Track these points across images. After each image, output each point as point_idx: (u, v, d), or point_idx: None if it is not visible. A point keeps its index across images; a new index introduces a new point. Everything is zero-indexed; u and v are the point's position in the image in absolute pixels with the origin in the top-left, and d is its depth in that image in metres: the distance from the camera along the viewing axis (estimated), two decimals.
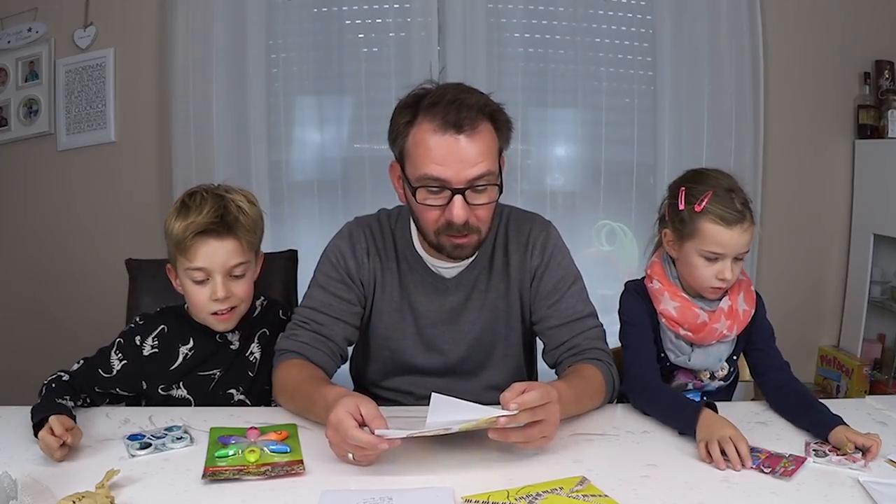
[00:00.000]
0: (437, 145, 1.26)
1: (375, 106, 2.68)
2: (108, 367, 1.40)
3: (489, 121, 1.30)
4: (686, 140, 2.75)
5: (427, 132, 1.27)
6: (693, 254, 1.38)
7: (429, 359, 1.47)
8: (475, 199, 1.30)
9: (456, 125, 1.25)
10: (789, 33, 2.79)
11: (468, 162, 1.26)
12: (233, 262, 1.38)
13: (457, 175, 1.26)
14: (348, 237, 1.47)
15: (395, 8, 2.73)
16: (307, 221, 2.81)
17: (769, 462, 1.13)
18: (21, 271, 2.92)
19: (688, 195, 1.38)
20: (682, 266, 1.43)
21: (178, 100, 2.66)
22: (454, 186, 1.27)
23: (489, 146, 1.29)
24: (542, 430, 1.11)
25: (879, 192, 2.74)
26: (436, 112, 1.26)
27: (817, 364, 2.95)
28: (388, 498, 1.01)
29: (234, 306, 1.41)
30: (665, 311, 1.43)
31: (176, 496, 1.03)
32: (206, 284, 1.38)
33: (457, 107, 1.25)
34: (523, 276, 1.47)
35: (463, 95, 1.28)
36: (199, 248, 1.36)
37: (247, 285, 1.42)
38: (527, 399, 1.07)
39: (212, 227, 1.36)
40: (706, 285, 1.39)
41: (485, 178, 1.28)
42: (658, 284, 1.44)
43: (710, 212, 1.34)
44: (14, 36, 2.82)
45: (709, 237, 1.35)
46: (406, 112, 1.30)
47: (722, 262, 1.36)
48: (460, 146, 1.26)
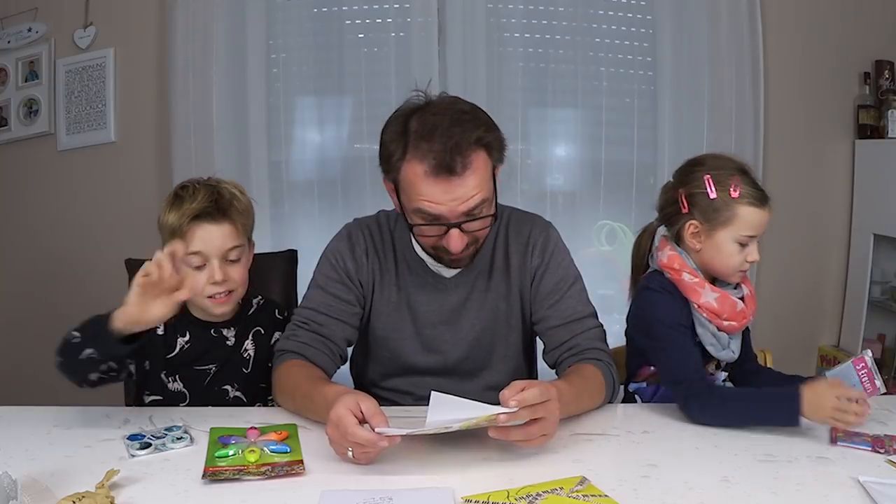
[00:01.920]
0: (429, 188, 1.24)
1: (375, 106, 2.68)
2: None
3: (483, 150, 1.27)
4: (686, 140, 2.75)
5: (419, 176, 1.24)
6: (727, 241, 1.36)
7: (428, 359, 1.47)
8: (471, 226, 1.30)
9: (449, 169, 1.23)
10: (789, 33, 2.79)
11: (463, 198, 1.25)
12: (229, 245, 1.40)
13: (452, 212, 1.26)
14: (347, 238, 1.48)
15: (395, 8, 2.73)
16: (307, 221, 2.82)
17: (877, 443, 1.17)
18: (21, 271, 2.92)
19: (717, 182, 1.36)
20: (708, 255, 1.39)
21: (178, 100, 2.66)
22: (449, 222, 1.27)
23: (483, 176, 1.27)
24: (542, 427, 1.11)
25: (879, 192, 2.74)
26: (426, 152, 1.22)
27: (817, 364, 2.95)
28: (388, 498, 1.01)
29: (231, 290, 1.42)
30: (706, 304, 1.38)
31: (176, 496, 1.03)
32: (203, 270, 1.39)
33: (450, 149, 1.22)
34: (524, 276, 1.47)
35: (455, 129, 1.23)
36: (195, 233, 1.37)
37: (242, 269, 1.44)
38: (527, 396, 1.07)
39: (207, 210, 1.38)
40: (737, 269, 1.38)
41: (480, 207, 1.28)
42: (690, 278, 1.39)
43: (746, 197, 1.34)
44: (14, 36, 2.82)
45: (746, 221, 1.35)
46: (397, 144, 1.26)
47: (752, 245, 1.37)
48: (453, 186, 1.24)
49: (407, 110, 1.29)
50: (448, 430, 1.09)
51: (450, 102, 1.31)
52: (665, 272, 1.42)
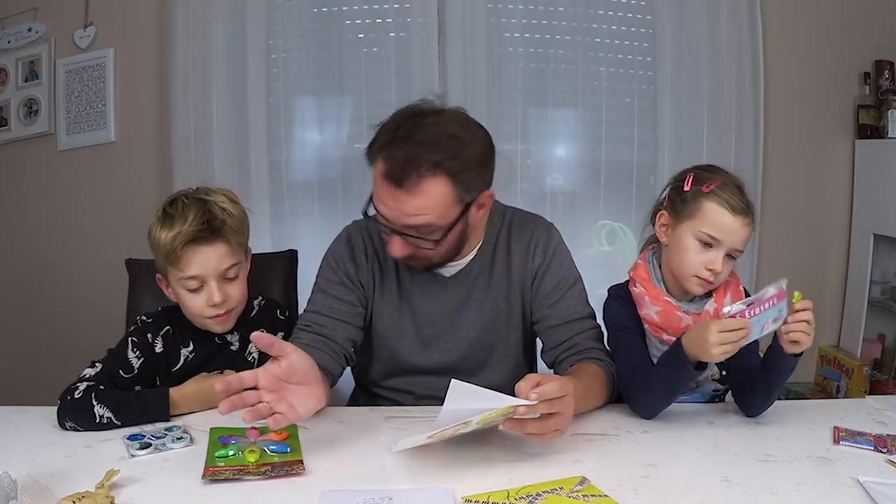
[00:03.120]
0: (381, 188, 1.27)
1: (375, 106, 2.67)
2: (128, 367, 1.38)
3: (444, 176, 1.24)
4: (686, 140, 2.75)
5: (379, 173, 1.26)
6: (688, 235, 1.33)
7: (428, 359, 1.47)
8: (417, 242, 1.30)
9: (396, 180, 1.23)
10: (789, 33, 2.79)
11: (406, 213, 1.26)
12: (225, 266, 1.38)
13: (396, 219, 1.27)
14: (346, 240, 1.48)
15: (395, 8, 2.73)
16: (307, 221, 2.81)
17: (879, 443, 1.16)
18: (21, 271, 2.92)
19: (696, 179, 1.35)
20: (670, 254, 1.37)
21: (178, 100, 2.66)
22: (393, 226, 1.28)
23: (434, 201, 1.25)
24: (557, 422, 1.11)
25: (879, 192, 2.74)
26: (388, 156, 1.24)
27: (817, 364, 2.95)
28: (388, 498, 1.01)
29: (230, 308, 1.41)
30: (647, 317, 1.38)
31: (176, 496, 1.03)
32: (201, 291, 1.38)
33: (403, 163, 1.22)
34: (525, 275, 1.47)
35: (421, 148, 1.23)
36: (190, 258, 1.35)
37: (241, 285, 1.43)
38: (546, 390, 1.08)
39: (200, 234, 1.35)
40: (693, 273, 1.33)
41: (426, 229, 1.28)
42: (640, 288, 1.38)
43: (717, 195, 1.31)
44: (14, 36, 2.82)
45: (710, 218, 1.31)
46: (381, 135, 1.28)
47: (715, 252, 1.31)
48: (398, 198, 1.25)
49: (411, 111, 1.30)
50: (465, 431, 1.08)
51: (446, 120, 1.28)
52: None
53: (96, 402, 1.25)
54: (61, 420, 1.25)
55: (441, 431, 1.06)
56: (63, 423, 1.25)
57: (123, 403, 1.27)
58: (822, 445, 1.21)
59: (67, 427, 1.25)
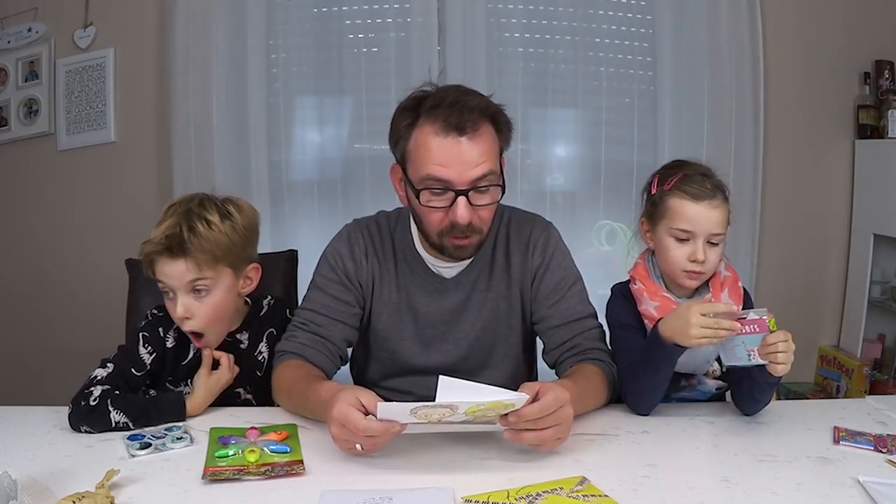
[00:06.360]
0: (439, 147, 1.27)
1: (375, 106, 2.68)
2: (139, 364, 1.38)
3: (490, 122, 1.31)
4: (686, 140, 2.75)
5: (429, 134, 1.28)
6: (664, 235, 1.36)
7: (428, 359, 1.47)
8: (478, 199, 1.31)
9: (458, 127, 1.26)
10: (789, 33, 2.79)
11: (471, 163, 1.27)
12: (189, 279, 1.34)
13: (459, 176, 1.27)
14: (346, 239, 1.48)
15: (395, 8, 2.73)
16: (307, 221, 2.81)
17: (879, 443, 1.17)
18: (21, 271, 2.92)
19: (660, 179, 1.38)
20: (658, 257, 1.41)
21: (178, 100, 2.66)
22: (457, 188, 1.28)
23: (490, 147, 1.30)
24: (556, 432, 1.12)
25: (879, 192, 2.74)
26: (437, 114, 1.27)
27: (817, 364, 2.94)
28: (388, 498, 1.01)
29: (199, 328, 1.37)
30: (646, 312, 1.39)
31: (176, 496, 1.03)
32: (175, 301, 1.36)
33: (458, 109, 1.26)
34: (524, 275, 1.47)
35: (464, 98, 1.28)
36: (156, 267, 1.35)
37: (212, 302, 1.37)
38: (543, 406, 1.09)
39: (164, 246, 1.33)
40: (680, 268, 1.35)
41: (487, 179, 1.29)
42: (639, 285, 1.41)
43: (679, 188, 1.34)
44: (14, 36, 2.82)
45: (677, 213, 1.33)
46: (407, 115, 1.31)
47: (692, 244, 1.33)
48: (462, 148, 1.27)
49: (417, 95, 1.33)
50: (452, 420, 1.09)
51: (457, 85, 1.35)
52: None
53: (112, 408, 1.26)
54: (75, 425, 1.25)
55: (426, 409, 1.05)
56: (77, 428, 1.25)
57: (141, 412, 1.27)
58: (822, 445, 1.21)
59: (82, 430, 1.25)
